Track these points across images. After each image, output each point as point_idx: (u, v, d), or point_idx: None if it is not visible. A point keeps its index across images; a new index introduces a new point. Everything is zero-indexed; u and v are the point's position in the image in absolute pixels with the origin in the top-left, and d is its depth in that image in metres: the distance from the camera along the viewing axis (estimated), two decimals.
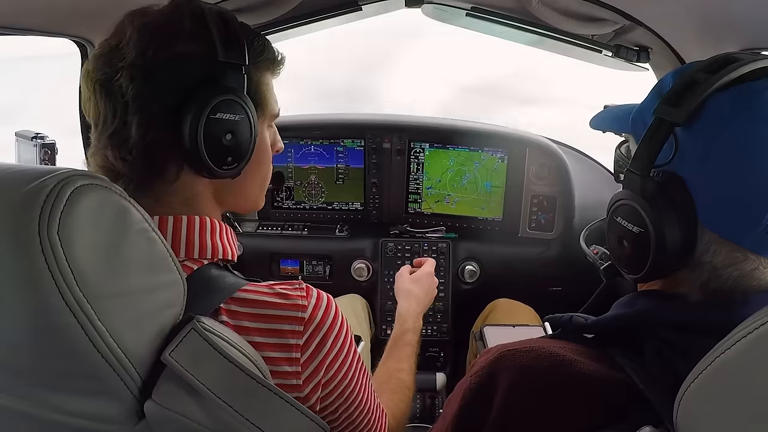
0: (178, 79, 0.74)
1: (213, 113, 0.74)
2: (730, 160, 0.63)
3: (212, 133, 0.75)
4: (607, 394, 0.65)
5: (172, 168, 0.77)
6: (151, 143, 0.74)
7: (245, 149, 0.81)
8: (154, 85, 0.73)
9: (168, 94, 0.74)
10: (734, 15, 1.13)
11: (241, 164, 0.81)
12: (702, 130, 0.65)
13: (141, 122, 0.73)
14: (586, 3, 1.33)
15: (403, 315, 1.40)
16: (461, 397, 0.75)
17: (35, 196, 0.52)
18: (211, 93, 0.74)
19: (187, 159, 0.76)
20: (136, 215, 0.60)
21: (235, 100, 0.77)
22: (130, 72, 0.72)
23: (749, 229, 0.63)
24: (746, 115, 0.63)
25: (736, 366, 0.50)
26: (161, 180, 0.77)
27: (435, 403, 1.88)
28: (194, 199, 0.80)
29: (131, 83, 0.72)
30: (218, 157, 0.77)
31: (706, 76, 0.65)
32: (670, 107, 0.65)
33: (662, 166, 0.67)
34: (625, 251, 0.72)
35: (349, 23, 1.75)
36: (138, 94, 0.73)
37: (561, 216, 1.91)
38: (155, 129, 0.74)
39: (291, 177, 2.06)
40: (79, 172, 0.56)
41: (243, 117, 0.79)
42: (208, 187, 0.82)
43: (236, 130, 0.78)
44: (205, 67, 0.75)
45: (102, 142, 0.76)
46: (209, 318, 0.68)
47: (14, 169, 0.56)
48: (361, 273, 1.98)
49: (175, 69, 0.74)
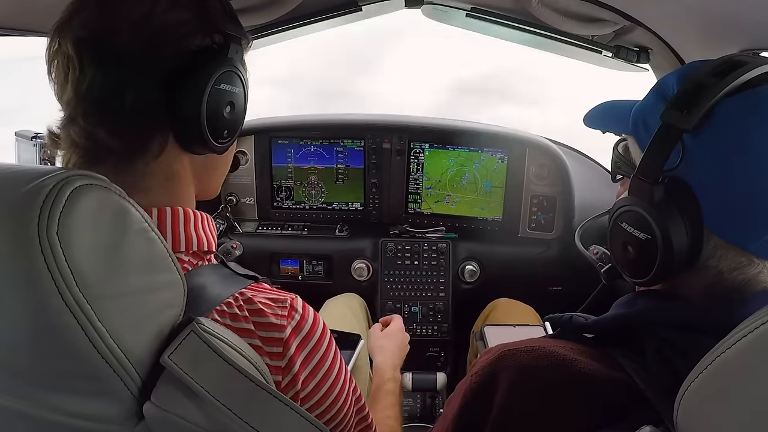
0: (181, 45, 0.71)
1: (217, 83, 0.73)
2: (737, 167, 0.63)
3: (214, 104, 0.73)
4: (608, 393, 0.65)
5: (157, 141, 0.73)
6: (143, 110, 0.70)
7: (239, 123, 0.80)
8: (155, 48, 0.69)
9: (169, 60, 0.70)
10: (735, 16, 1.13)
11: (233, 138, 0.80)
12: (710, 136, 0.64)
13: (138, 88, 0.69)
14: (586, 3, 1.33)
15: (381, 367, 1.35)
16: (462, 396, 0.75)
17: (35, 196, 0.52)
18: (217, 62, 0.73)
19: (180, 131, 0.73)
20: (136, 215, 0.60)
21: (236, 72, 0.76)
22: (129, 32, 0.68)
23: (755, 234, 0.64)
24: (754, 122, 0.63)
25: (737, 365, 0.50)
26: (143, 155, 0.72)
27: (435, 403, 1.88)
28: (174, 179, 0.77)
29: (131, 45, 0.68)
30: (216, 130, 0.75)
31: (714, 81, 0.64)
32: (678, 113, 0.64)
33: (668, 172, 0.66)
34: (629, 256, 0.72)
35: (348, 24, 1.75)
36: (137, 57, 0.68)
37: (561, 216, 1.91)
38: (149, 95, 0.70)
39: (291, 177, 2.06)
40: (79, 173, 0.56)
41: (241, 90, 0.78)
42: (188, 166, 0.79)
43: (235, 103, 0.77)
44: (206, 36, 0.73)
45: (81, 109, 0.69)
46: (209, 320, 0.67)
47: (14, 169, 0.56)
48: (361, 273, 1.98)
49: (180, 34, 0.71)
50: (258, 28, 1.53)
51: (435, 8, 1.69)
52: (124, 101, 0.68)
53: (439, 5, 1.65)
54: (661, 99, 0.70)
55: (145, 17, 0.69)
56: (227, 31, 0.75)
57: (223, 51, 0.74)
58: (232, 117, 0.77)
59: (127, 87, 0.68)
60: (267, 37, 1.59)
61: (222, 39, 0.75)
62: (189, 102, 0.71)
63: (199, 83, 0.71)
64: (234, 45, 0.76)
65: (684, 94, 0.66)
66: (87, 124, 0.70)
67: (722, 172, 0.64)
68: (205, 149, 0.76)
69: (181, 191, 0.78)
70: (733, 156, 0.63)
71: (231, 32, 0.75)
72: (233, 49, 0.76)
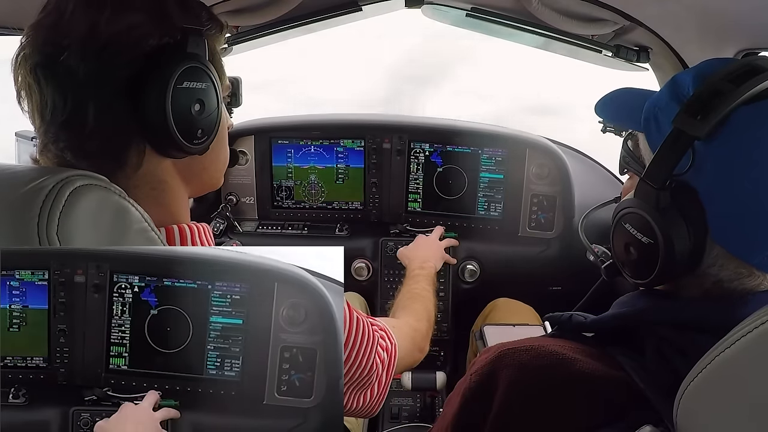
0: (135, 50, 0.68)
1: (179, 82, 0.69)
2: (747, 178, 0.62)
3: (180, 104, 0.69)
4: (607, 392, 0.65)
5: (134, 153, 0.71)
6: (108, 125, 0.68)
7: (213, 120, 0.76)
8: (109, 58, 0.66)
9: (125, 68, 0.67)
10: (735, 16, 1.13)
11: (210, 137, 0.75)
12: (722, 143, 0.63)
13: (98, 102, 0.67)
14: (586, 3, 1.33)
15: (408, 269, 1.55)
16: (461, 395, 0.75)
17: (34, 197, 0.52)
18: (176, 60, 0.69)
19: (152, 138, 0.70)
20: (135, 215, 0.60)
21: (200, 67, 0.72)
22: (79, 48, 0.66)
23: (759, 247, 0.63)
24: (766, 133, 0.62)
25: (736, 365, 0.50)
26: (122, 168, 0.71)
27: (435, 402, 1.88)
28: (161, 188, 0.75)
29: (82, 60, 0.66)
30: (187, 131, 0.71)
31: (731, 87, 0.62)
32: (691, 119, 0.63)
33: (676, 176, 0.65)
34: (631, 257, 0.72)
35: (348, 24, 1.75)
36: (91, 71, 0.66)
37: (561, 215, 1.92)
38: (112, 108, 0.67)
39: (291, 176, 2.06)
40: (79, 173, 0.56)
41: (209, 85, 0.74)
42: (173, 172, 0.77)
43: (204, 100, 0.73)
44: (163, 34, 0.69)
45: (51, 135, 0.68)
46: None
47: (13, 169, 0.56)
48: (361, 272, 1.98)
49: (132, 39, 0.68)
50: (258, 28, 1.53)
51: (435, 8, 1.69)
52: (87, 119, 0.67)
53: (439, 5, 1.65)
54: (675, 98, 0.68)
55: (90, 30, 0.66)
56: (183, 24, 0.71)
57: (182, 47, 0.70)
58: (203, 115, 0.73)
59: (88, 103, 0.67)
60: (267, 37, 1.59)
61: (180, 35, 0.71)
62: (152, 107, 0.68)
63: (160, 86, 0.68)
64: (194, 38, 0.72)
65: (699, 98, 0.64)
66: (57, 149, 0.68)
67: (731, 181, 0.63)
68: (180, 152, 0.73)
69: (171, 200, 0.77)
70: (743, 166, 0.62)
71: (188, 25, 0.71)
72: (194, 44, 0.71)
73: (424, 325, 1.27)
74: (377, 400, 0.99)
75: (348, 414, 0.97)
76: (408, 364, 1.16)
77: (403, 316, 1.27)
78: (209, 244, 0.80)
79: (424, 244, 1.78)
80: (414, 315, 1.27)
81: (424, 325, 1.27)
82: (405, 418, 1.82)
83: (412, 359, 1.18)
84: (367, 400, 0.97)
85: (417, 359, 1.20)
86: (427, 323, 1.29)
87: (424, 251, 1.72)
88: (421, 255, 1.68)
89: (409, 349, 1.13)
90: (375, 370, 0.95)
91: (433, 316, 1.35)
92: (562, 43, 1.56)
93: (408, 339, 1.14)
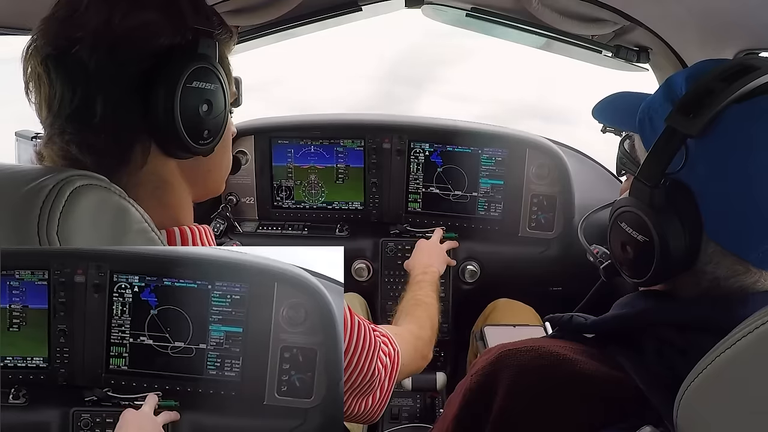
0: (147, 47, 0.69)
1: (189, 82, 0.70)
2: (741, 175, 0.62)
3: (188, 103, 0.70)
4: (608, 393, 0.65)
5: (139, 150, 0.71)
6: (116, 120, 0.68)
7: (220, 122, 0.76)
8: (120, 54, 0.67)
9: (136, 64, 0.68)
10: (735, 16, 1.13)
11: (216, 138, 0.76)
12: (715, 141, 0.63)
13: (107, 97, 0.67)
14: (586, 3, 1.33)
15: (411, 275, 1.55)
16: (462, 396, 0.75)
17: (34, 197, 0.53)
18: (186, 59, 0.70)
19: (158, 136, 0.71)
20: (136, 215, 0.60)
21: (210, 68, 0.73)
22: (91, 42, 0.66)
23: (755, 244, 0.64)
24: (758, 129, 0.62)
25: (737, 365, 0.50)
26: (126, 166, 0.71)
27: (435, 403, 1.88)
28: (164, 188, 0.75)
29: (93, 54, 0.66)
30: (194, 131, 0.72)
31: (723, 86, 0.63)
32: (683, 117, 0.64)
33: (670, 175, 0.66)
34: (627, 256, 0.72)
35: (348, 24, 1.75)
36: (102, 66, 0.66)
37: (561, 215, 1.92)
38: (121, 104, 0.68)
39: (291, 176, 2.06)
40: (79, 173, 0.56)
41: (218, 86, 0.74)
42: (177, 173, 0.77)
43: (212, 101, 0.74)
44: (175, 34, 0.70)
45: (57, 127, 0.68)
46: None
47: (14, 169, 0.56)
48: (362, 273, 1.98)
49: (144, 36, 0.69)
50: (258, 27, 1.53)
51: (435, 8, 1.69)
52: (95, 113, 0.67)
53: (439, 5, 1.65)
54: (669, 99, 0.69)
55: (104, 24, 0.67)
56: (196, 25, 0.72)
57: (193, 47, 0.71)
58: (211, 116, 0.74)
59: (96, 97, 0.67)
60: (266, 37, 1.59)
61: (191, 35, 0.72)
62: (161, 105, 0.68)
63: (169, 84, 0.68)
64: (205, 40, 0.73)
65: (691, 97, 0.65)
66: (63, 142, 0.68)
67: (725, 179, 0.63)
68: (186, 153, 0.74)
69: (174, 200, 0.77)
70: (736, 163, 0.62)
71: (200, 26, 0.72)
72: (204, 45, 0.73)
73: (428, 333, 1.27)
74: (379, 405, 0.98)
75: (349, 419, 0.97)
76: (411, 371, 1.16)
77: (406, 323, 1.27)
78: (211, 245, 0.81)
79: (425, 249, 1.77)
80: (417, 322, 1.27)
81: (427, 332, 1.27)
82: (405, 419, 1.82)
83: (415, 366, 1.17)
84: (368, 405, 0.96)
85: (420, 366, 1.19)
86: (431, 330, 1.29)
87: (426, 256, 1.72)
88: (424, 260, 1.68)
89: (412, 356, 1.13)
90: (377, 376, 0.94)
91: (436, 323, 1.35)
92: (562, 43, 1.56)
93: (411, 346, 1.14)
